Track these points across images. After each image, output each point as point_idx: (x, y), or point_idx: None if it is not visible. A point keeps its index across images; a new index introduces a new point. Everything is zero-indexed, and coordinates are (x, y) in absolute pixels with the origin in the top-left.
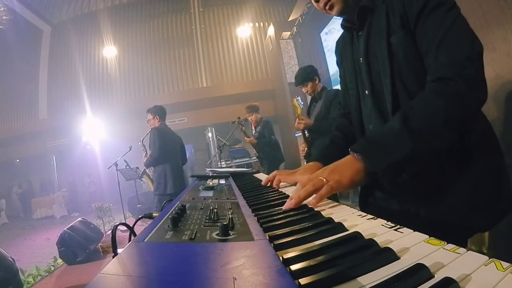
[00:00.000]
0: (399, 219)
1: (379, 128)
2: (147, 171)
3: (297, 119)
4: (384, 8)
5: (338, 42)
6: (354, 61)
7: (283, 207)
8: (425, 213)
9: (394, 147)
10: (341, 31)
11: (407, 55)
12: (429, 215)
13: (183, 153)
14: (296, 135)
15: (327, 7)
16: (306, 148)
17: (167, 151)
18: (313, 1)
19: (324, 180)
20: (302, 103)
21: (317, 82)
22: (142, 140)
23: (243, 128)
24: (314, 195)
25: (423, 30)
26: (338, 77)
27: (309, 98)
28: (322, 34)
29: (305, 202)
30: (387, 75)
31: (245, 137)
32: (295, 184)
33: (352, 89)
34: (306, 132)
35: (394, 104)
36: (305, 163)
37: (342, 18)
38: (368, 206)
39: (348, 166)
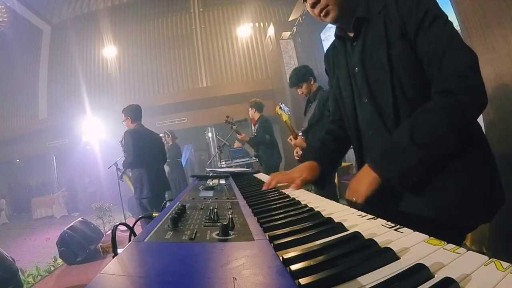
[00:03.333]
0: (397, 218)
1: (389, 141)
2: (127, 172)
3: (290, 136)
4: (381, 19)
5: (328, 51)
6: (348, 69)
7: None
8: (422, 211)
9: (403, 159)
10: None
11: (406, 65)
12: (425, 213)
13: (162, 152)
14: (300, 134)
15: (322, 14)
16: (300, 152)
17: (142, 155)
18: (308, 8)
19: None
20: (287, 108)
21: (312, 82)
22: (121, 141)
23: (234, 127)
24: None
25: (424, 42)
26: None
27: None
28: (322, 34)
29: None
30: (388, 85)
31: (237, 135)
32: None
33: (347, 97)
34: (301, 134)
35: (395, 112)
36: None
37: (336, 26)
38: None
39: (366, 176)
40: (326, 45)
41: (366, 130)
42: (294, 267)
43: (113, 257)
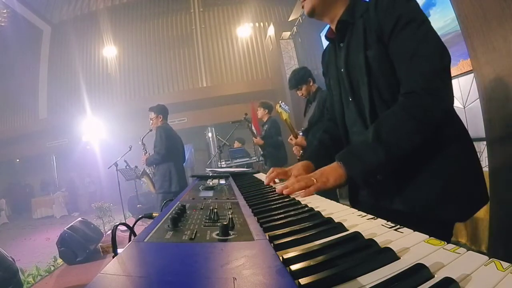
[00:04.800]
0: (383, 214)
1: (358, 140)
2: (147, 171)
3: (291, 136)
4: (361, 22)
5: (324, 53)
6: (337, 70)
7: (277, 190)
8: (400, 207)
9: (367, 156)
10: None
11: (381, 68)
12: (405, 208)
13: (183, 152)
14: (300, 134)
15: (302, 5)
16: (301, 151)
17: (172, 150)
18: None
19: (314, 180)
20: (287, 107)
21: (311, 84)
22: (142, 139)
23: (250, 125)
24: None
25: (395, 45)
26: None
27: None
28: (322, 34)
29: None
30: (365, 85)
31: (253, 138)
32: None
33: (336, 96)
34: (301, 133)
35: (371, 111)
36: None
37: (327, 29)
38: (358, 203)
39: (333, 171)
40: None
41: (351, 128)
42: (294, 267)
43: (113, 257)
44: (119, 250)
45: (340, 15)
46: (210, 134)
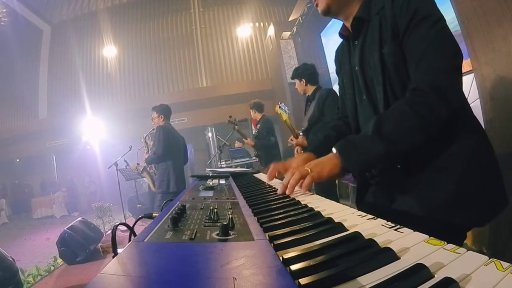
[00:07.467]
0: (391, 217)
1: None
2: (147, 168)
3: (291, 136)
4: (377, 19)
5: (337, 51)
6: (351, 68)
7: (279, 191)
8: (415, 211)
9: (365, 148)
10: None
11: (396, 65)
12: (419, 212)
13: (185, 153)
14: (301, 134)
15: (315, 3)
16: (301, 151)
17: (171, 150)
18: None
19: (309, 170)
20: (287, 108)
21: (304, 83)
22: (145, 137)
23: (236, 127)
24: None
25: (408, 42)
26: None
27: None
28: (322, 34)
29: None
30: (380, 82)
31: (243, 139)
32: None
33: (349, 94)
34: (301, 133)
35: (386, 109)
36: None
37: (340, 27)
38: (363, 204)
39: (329, 161)
40: (327, 46)
41: (364, 126)
42: (294, 267)
43: (113, 257)
44: (119, 250)
45: (356, 12)
46: (210, 134)
